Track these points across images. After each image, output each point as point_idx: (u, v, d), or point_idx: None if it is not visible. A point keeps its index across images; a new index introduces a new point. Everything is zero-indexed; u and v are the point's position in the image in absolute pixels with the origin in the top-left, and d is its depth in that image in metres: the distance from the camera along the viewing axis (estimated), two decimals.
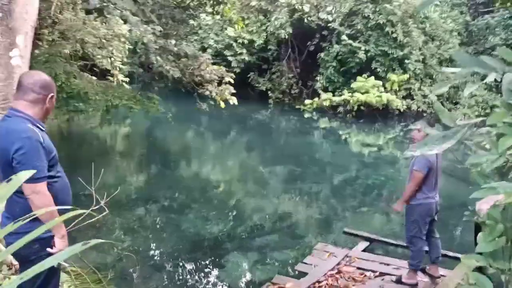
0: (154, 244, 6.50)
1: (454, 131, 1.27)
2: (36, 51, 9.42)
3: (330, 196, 9.57)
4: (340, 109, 19.22)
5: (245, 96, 20.20)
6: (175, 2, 11.22)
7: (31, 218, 2.20)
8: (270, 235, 7.05)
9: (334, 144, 15.98)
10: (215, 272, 5.81)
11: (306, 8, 18.01)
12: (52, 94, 2.47)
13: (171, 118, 11.93)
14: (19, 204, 2.31)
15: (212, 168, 11.92)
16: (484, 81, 1.33)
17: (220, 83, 9.97)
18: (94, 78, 11.42)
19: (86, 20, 10.48)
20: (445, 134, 1.27)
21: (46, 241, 2.34)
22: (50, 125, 13.92)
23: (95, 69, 12.49)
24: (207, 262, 6.07)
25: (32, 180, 2.22)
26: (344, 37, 19.18)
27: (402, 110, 18.61)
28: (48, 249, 2.34)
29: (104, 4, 6.94)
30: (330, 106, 19.36)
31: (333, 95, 19.52)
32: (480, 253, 1.38)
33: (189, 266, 5.97)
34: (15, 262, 3.34)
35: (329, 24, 19.74)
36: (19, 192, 2.28)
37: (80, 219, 3.73)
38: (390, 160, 13.29)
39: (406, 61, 18.95)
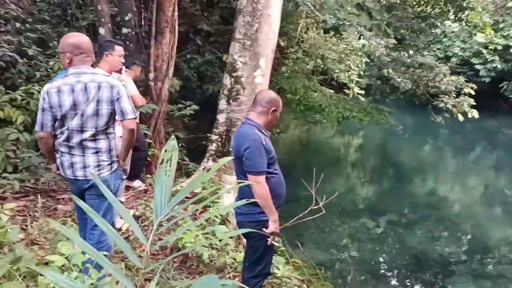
0: (373, 253, 6.58)
1: None
2: (283, 69, 10.80)
3: None
4: None
5: (495, 109, 17.93)
6: (415, 13, 11.01)
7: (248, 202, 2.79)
8: (509, 265, 6.22)
9: None
10: None
11: None
12: (274, 108, 3.01)
13: (401, 131, 11.66)
14: (246, 191, 2.90)
15: (449, 186, 11.08)
16: None
17: (458, 94, 9.26)
18: (331, 91, 12.22)
19: (326, 37, 11.40)
20: None
21: (263, 223, 2.91)
22: (293, 135, 15.57)
23: (333, 83, 13.36)
24: (429, 280, 5.80)
25: (255, 173, 2.84)
26: None
27: None
28: (264, 229, 2.90)
29: (340, 22, 7.45)
30: None
31: None
32: None
33: (409, 281, 5.84)
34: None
35: None
36: None
37: (301, 215, 4.14)
38: None
39: None
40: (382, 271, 6.10)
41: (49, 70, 5.67)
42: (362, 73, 12.91)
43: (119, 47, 4.11)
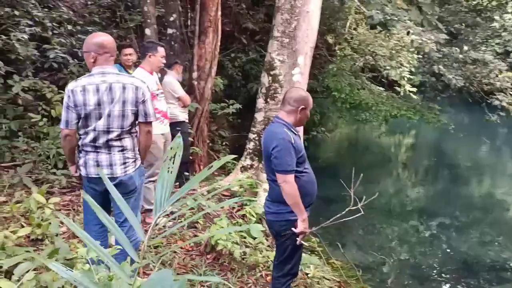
0: (420, 256, 6.33)
1: None
2: (330, 66, 10.62)
3: None
4: None
5: None
6: (469, 6, 10.46)
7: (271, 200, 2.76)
8: None
9: None
10: None
11: None
12: (302, 106, 2.95)
13: (455, 130, 11.07)
14: (275, 190, 2.93)
15: (506, 188, 10.47)
16: None
17: None
18: (381, 89, 11.85)
19: (376, 33, 11.07)
20: None
21: (292, 222, 2.88)
22: (341, 133, 15.30)
23: (383, 80, 12.95)
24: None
25: (284, 171, 2.79)
26: None
27: None
28: (292, 229, 2.87)
29: (388, 18, 7.19)
30: None
31: None
32: None
33: (457, 287, 5.56)
34: None
35: None
36: (275, 181, 2.86)
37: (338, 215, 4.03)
38: None
39: None
40: (429, 275, 5.84)
41: None
42: (413, 69, 12.38)
43: (162, 49, 4.27)
